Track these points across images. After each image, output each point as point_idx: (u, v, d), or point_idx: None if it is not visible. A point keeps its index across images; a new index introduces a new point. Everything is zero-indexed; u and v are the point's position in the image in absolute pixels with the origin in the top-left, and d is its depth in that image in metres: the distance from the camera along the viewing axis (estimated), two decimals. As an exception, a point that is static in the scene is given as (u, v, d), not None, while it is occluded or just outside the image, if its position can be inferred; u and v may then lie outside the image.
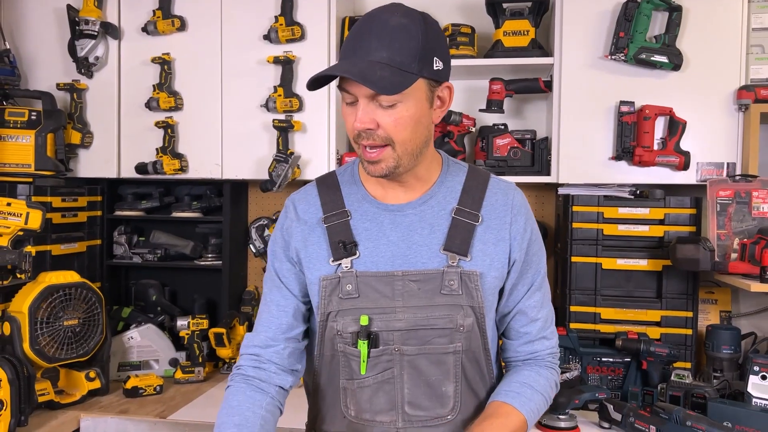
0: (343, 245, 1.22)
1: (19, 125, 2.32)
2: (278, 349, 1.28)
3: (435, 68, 1.14)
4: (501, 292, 1.28)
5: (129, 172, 2.52)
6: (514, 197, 1.28)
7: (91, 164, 2.53)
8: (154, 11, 2.44)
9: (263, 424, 1.21)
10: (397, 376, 1.22)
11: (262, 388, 1.26)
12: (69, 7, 2.46)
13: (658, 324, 2.23)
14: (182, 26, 2.43)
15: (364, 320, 1.19)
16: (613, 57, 2.18)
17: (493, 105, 2.36)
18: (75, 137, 2.47)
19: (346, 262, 1.22)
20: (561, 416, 1.92)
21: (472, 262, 1.22)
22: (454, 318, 1.21)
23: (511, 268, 1.26)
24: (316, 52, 2.37)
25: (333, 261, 1.23)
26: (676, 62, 2.13)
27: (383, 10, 1.14)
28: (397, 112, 1.12)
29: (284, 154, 2.32)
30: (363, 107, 1.13)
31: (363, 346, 1.20)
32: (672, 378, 2.04)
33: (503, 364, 1.38)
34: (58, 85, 2.49)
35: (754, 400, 1.86)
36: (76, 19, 2.44)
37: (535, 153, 2.36)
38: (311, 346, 1.31)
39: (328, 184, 1.31)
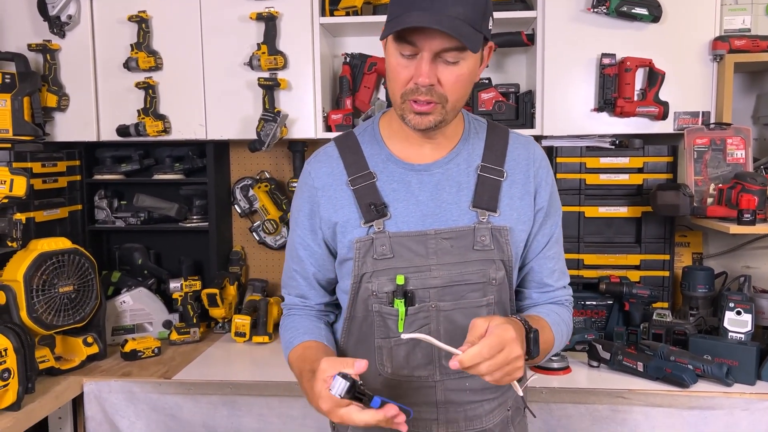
0: (375, 207, 1.22)
1: (-8, 89, 2.23)
2: (319, 293, 1.37)
3: (489, 27, 1.14)
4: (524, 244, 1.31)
5: (109, 135, 2.46)
6: (535, 151, 1.31)
7: (69, 128, 2.46)
8: (127, -33, 2.35)
9: (327, 337, 1.31)
10: (434, 331, 1.23)
11: (317, 317, 1.37)
12: (37, -36, 2.36)
13: (637, 267, 2.35)
14: (158, -18, 2.36)
15: (400, 279, 1.21)
16: (595, 10, 2.21)
17: (477, 59, 2.38)
18: (51, 100, 2.40)
19: (378, 224, 1.22)
20: (553, 358, 2.03)
21: (500, 217, 1.24)
22: (486, 272, 1.24)
23: (535, 216, 1.29)
24: (299, 7, 2.34)
25: (365, 223, 1.23)
26: (655, 14, 2.19)
27: None
28: (459, 69, 1.11)
29: (272, 113, 2.30)
30: (427, 61, 1.09)
31: (400, 304, 1.21)
32: (654, 317, 2.17)
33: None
34: (29, 45, 2.39)
35: (730, 333, 2.00)
36: (45, -24, 2.34)
37: (519, 106, 2.40)
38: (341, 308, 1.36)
39: (348, 145, 1.29)
